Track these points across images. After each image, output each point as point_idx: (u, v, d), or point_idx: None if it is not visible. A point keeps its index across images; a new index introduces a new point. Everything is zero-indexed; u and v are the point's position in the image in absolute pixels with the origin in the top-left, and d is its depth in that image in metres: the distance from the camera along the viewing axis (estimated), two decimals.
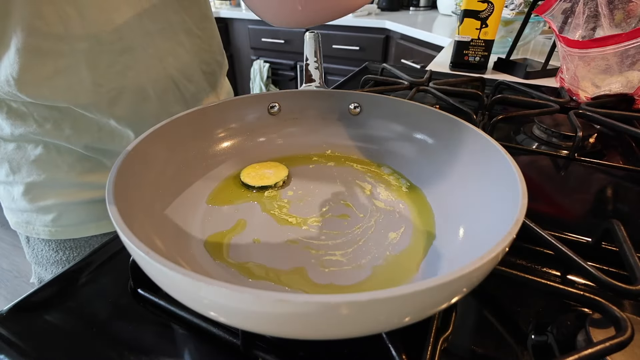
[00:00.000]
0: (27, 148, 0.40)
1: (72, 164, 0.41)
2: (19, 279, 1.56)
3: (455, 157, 0.35)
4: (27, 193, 0.42)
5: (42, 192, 0.42)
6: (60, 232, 0.44)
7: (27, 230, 0.44)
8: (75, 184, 0.42)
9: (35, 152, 0.40)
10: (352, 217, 0.33)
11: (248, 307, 0.16)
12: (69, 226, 0.44)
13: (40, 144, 0.40)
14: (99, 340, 0.24)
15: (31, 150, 0.40)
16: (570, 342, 0.23)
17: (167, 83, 0.44)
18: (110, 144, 0.42)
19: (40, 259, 0.47)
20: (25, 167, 0.41)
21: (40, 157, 0.40)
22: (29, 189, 0.42)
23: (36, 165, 0.41)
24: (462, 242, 0.29)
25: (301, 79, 2.07)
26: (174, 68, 0.45)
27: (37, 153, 0.40)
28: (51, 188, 0.42)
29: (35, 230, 0.44)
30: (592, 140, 0.52)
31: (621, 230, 0.29)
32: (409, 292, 0.16)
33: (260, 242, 0.30)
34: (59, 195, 0.42)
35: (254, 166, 0.38)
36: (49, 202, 0.42)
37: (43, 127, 0.39)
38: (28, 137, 0.39)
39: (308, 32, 0.44)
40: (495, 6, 0.72)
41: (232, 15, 2.10)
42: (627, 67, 0.58)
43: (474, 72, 0.80)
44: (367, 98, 0.42)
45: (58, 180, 0.42)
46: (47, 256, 0.46)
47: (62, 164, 0.41)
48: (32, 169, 0.41)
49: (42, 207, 0.42)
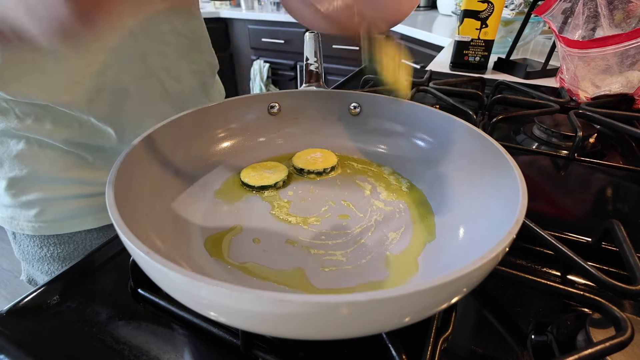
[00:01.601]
0: (9, 143, 0.40)
1: (54, 159, 0.41)
2: (19, 279, 1.56)
3: (455, 157, 0.35)
4: (10, 188, 0.42)
5: (25, 187, 0.42)
6: (44, 228, 0.44)
7: (12, 226, 0.44)
8: (58, 179, 0.42)
9: (17, 147, 0.40)
10: (352, 217, 0.33)
11: (248, 307, 0.16)
12: (53, 222, 0.44)
13: (22, 139, 0.40)
14: (99, 340, 0.24)
15: (13, 145, 0.40)
16: (570, 342, 0.23)
17: (151, 82, 0.44)
18: (92, 140, 0.42)
19: (26, 255, 0.47)
20: (7, 162, 0.41)
21: (22, 152, 0.40)
22: (11, 184, 0.42)
23: (18, 160, 0.41)
24: (462, 242, 0.29)
25: (301, 79, 2.07)
26: (159, 67, 0.44)
27: (19, 148, 0.40)
28: (34, 183, 0.42)
29: (20, 225, 0.44)
30: (592, 140, 0.52)
31: (621, 230, 0.29)
32: (409, 292, 0.16)
33: (260, 242, 0.30)
34: (41, 190, 0.42)
35: (254, 166, 0.38)
36: (32, 196, 0.42)
37: (24, 122, 0.39)
38: (9, 132, 0.40)
39: (308, 32, 0.44)
40: (495, 6, 0.72)
41: (232, 15, 2.10)
42: (627, 67, 0.58)
43: (474, 72, 0.80)
44: (367, 98, 0.42)
45: (40, 175, 0.42)
46: (32, 252, 0.46)
47: (44, 159, 0.41)
48: (14, 163, 0.41)
49: (25, 202, 0.42)
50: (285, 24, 1.96)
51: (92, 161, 0.43)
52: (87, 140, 0.42)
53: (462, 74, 0.80)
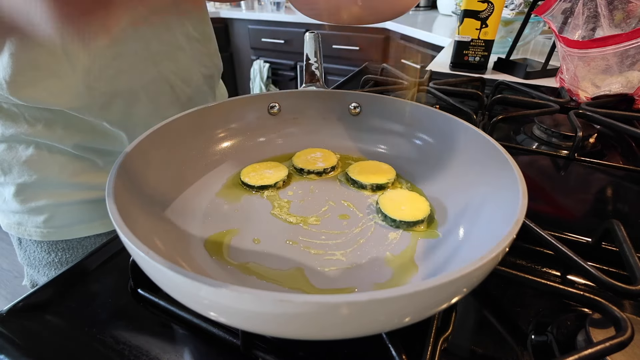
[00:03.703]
0: (19, 149, 0.40)
1: (63, 164, 0.41)
2: (19, 279, 1.56)
3: (455, 157, 0.35)
4: (18, 194, 0.41)
5: (34, 193, 0.42)
6: (53, 234, 0.44)
7: (19, 232, 0.44)
8: (67, 185, 0.42)
9: (26, 153, 0.40)
10: (352, 217, 0.33)
11: (248, 307, 0.16)
12: (62, 227, 0.44)
13: (31, 144, 0.40)
14: (99, 340, 0.24)
15: (22, 151, 0.40)
16: (570, 342, 0.23)
17: (162, 86, 0.44)
18: (103, 144, 0.42)
19: (32, 261, 0.46)
20: (16, 167, 0.40)
21: (31, 157, 0.40)
22: (20, 190, 0.41)
23: (27, 165, 0.40)
24: (462, 242, 0.29)
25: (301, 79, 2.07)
26: (170, 71, 0.44)
27: (29, 154, 0.40)
28: (43, 189, 0.42)
29: (27, 231, 0.43)
30: (592, 140, 0.52)
31: (621, 230, 0.29)
32: (409, 293, 0.16)
33: (260, 242, 0.30)
34: (50, 196, 0.42)
35: (254, 166, 0.38)
36: (41, 203, 0.42)
37: (34, 128, 0.39)
38: (19, 138, 0.39)
39: (308, 32, 0.44)
40: (495, 6, 0.72)
41: (232, 16, 2.10)
42: (627, 67, 0.58)
43: (474, 72, 0.80)
44: (367, 98, 0.42)
45: (50, 180, 0.41)
46: (39, 258, 0.46)
47: (54, 165, 0.41)
48: (23, 169, 0.40)
49: (34, 208, 0.42)
50: (285, 24, 1.96)
51: (102, 166, 0.43)
52: (99, 144, 0.42)
53: (462, 74, 0.80)
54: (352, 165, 0.38)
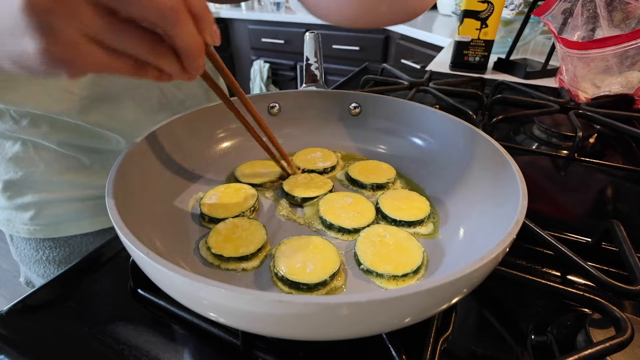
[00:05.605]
0: (5, 145, 0.40)
1: (49, 161, 0.41)
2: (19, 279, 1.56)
3: (455, 157, 0.35)
4: (5, 190, 0.42)
5: (20, 190, 0.42)
6: (40, 231, 0.44)
7: (8, 228, 0.44)
8: (54, 182, 0.42)
9: (12, 149, 0.40)
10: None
11: (248, 308, 0.16)
12: (48, 225, 0.44)
13: (17, 141, 0.40)
14: (99, 340, 0.24)
15: (8, 148, 0.40)
16: (570, 342, 0.23)
17: (150, 90, 0.44)
18: (89, 143, 0.42)
19: (23, 258, 0.47)
20: (2, 164, 0.41)
21: (17, 154, 0.40)
22: (7, 186, 0.42)
23: (13, 162, 0.40)
24: (462, 242, 0.29)
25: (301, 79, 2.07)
26: None
27: (15, 150, 0.40)
28: (29, 186, 0.42)
29: (16, 228, 0.44)
30: (592, 140, 0.52)
31: (621, 230, 0.29)
32: (409, 293, 0.16)
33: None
34: (37, 192, 0.42)
35: (253, 163, 0.38)
36: (27, 199, 0.42)
37: (20, 124, 0.39)
38: (5, 134, 0.39)
39: (308, 32, 0.44)
40: (495, 6, 0.72)
41: (232, 16, 2.10)
42: (626, 67, 0.58)
43: (474, 72, 0.80)
44: (367, 98, 0.42)
45: (36, 177, 0.41)
46: (28, 255, 0.46)
47: (40, 162, 0.41)
48: (9, 166, 0.41)
49: (21, 204, 0.42)
50: (285, 24, 1.96)
51: (89, 164, 0.43)
52: (85, 142, 0.42)
53: (462, 74, 0.80)
54: (352, 165, 0.38)
